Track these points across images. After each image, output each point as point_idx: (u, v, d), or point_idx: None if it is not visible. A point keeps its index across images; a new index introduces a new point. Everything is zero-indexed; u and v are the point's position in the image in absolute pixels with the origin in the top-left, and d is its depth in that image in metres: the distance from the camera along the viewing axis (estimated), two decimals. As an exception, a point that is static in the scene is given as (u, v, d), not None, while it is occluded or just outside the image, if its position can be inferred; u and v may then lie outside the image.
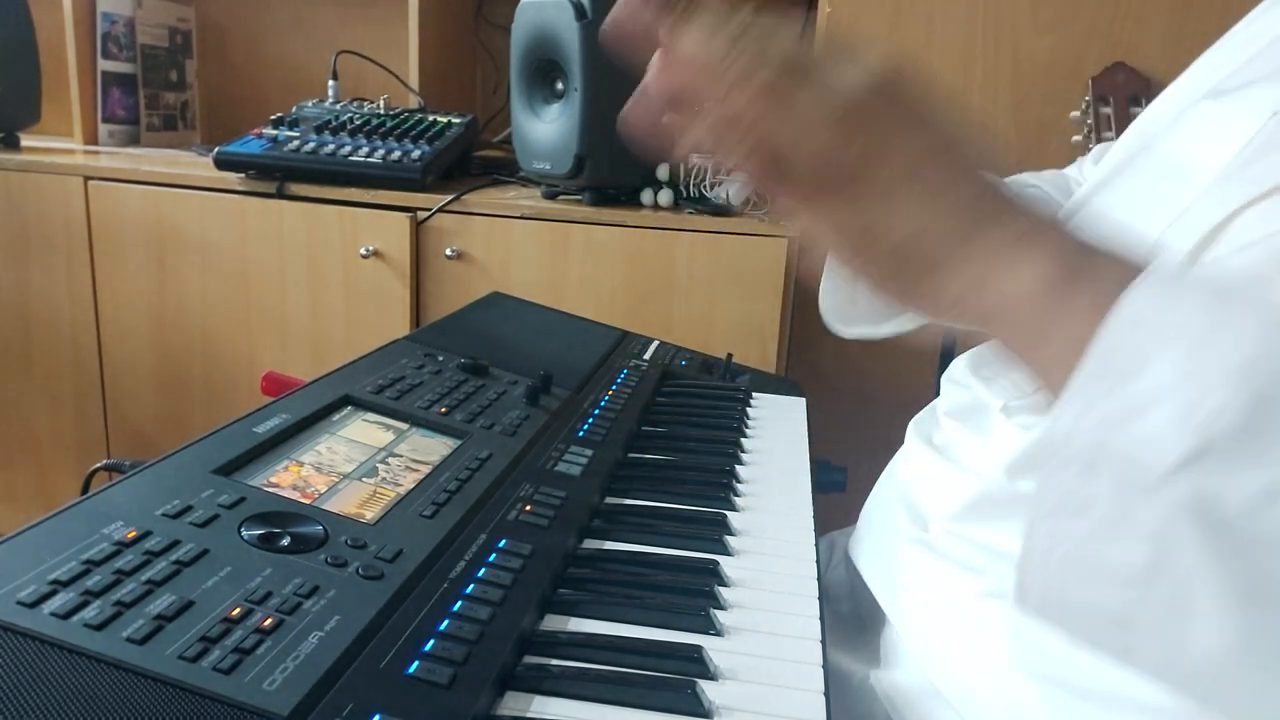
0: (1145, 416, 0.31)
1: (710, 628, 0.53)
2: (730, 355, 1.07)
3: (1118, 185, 0.63)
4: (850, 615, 0.68)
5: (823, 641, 0.53)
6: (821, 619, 0.55)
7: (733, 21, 0.38)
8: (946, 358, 0.97)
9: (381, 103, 1.61)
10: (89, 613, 0.40)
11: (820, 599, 0.58)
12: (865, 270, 0.40)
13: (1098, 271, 0.36)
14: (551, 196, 1.46)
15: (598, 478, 0.70)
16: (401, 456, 0.65)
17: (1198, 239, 0.48)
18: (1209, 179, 0.52)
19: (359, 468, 0.61)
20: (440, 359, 0.84)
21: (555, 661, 0.49)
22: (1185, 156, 0.56)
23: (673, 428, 0.85)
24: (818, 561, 0.62)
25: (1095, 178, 0.68)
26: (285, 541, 0.50)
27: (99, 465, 0.66)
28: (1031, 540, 0.35)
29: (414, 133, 1.52)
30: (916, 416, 0.74)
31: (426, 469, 0.63)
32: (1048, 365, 0.36)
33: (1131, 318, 0.33)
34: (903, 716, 0.57)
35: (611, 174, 1.40)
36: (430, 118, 1.58)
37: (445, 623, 0.47)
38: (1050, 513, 0.34)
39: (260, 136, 1.51)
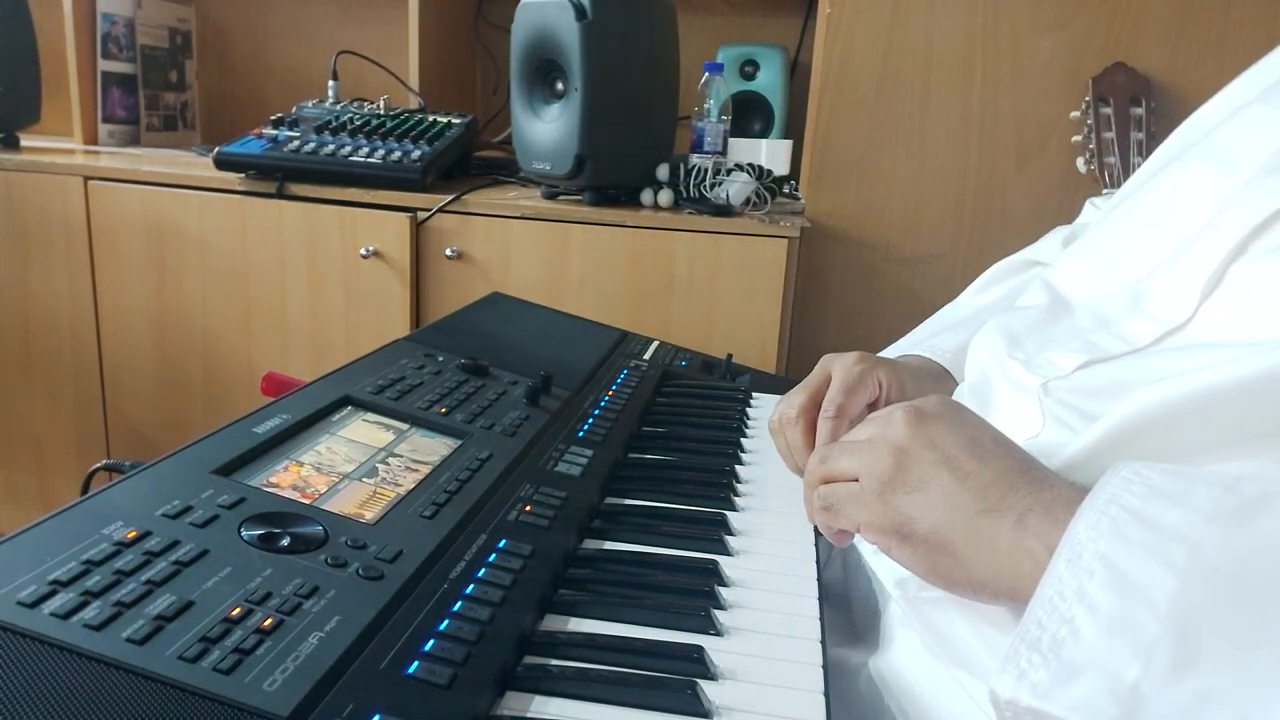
0: (1073, 685, 0.36)
1: (710, 628, 0.53)
2: (730, 355, 1.07)
3: (1158, 181, 0.63)
4: (846, 612, 0.68)
5: (823, 641, 0.53)
6: (821, 619, 0.55)
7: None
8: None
9: (381, 103, 1.61)
10: (89, 613, 0.40)
11: (820, 599, 0.58)
12: (908, 563, 0.48)
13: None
14: (551, 196, 1.46)
15: (598, 478, 0.69)
16: (401, 457, 0.65)
17: (1245, 232, 0.49)
18: (1250, 171, 0.52)
19: (359, 468, 0.61)
20: (440, 359, 0.84)
21: (555, 661, 0.49)
22: (1229, 151, 0.57)
23: (673, 428, 0.85)
24: (818, 561, 0.62)
25: (1135, 179, 0.69)
26: (285, 542, 0.50)
27: (99, 465, 0.66)
28: None
29: (414, 133, 1.52)
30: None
31: (426, 469, 0.63)
32: None
33: (1060, 585, 0.38)
34: (899, 701, 0.57)
35: (611, 174, 1.40)
36: (430, 118, 1.58)
37: (445, 623, 0.47)
38: None
39: (260, 136, 1.51)
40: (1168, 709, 0.34)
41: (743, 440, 0.84)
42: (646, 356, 1.03)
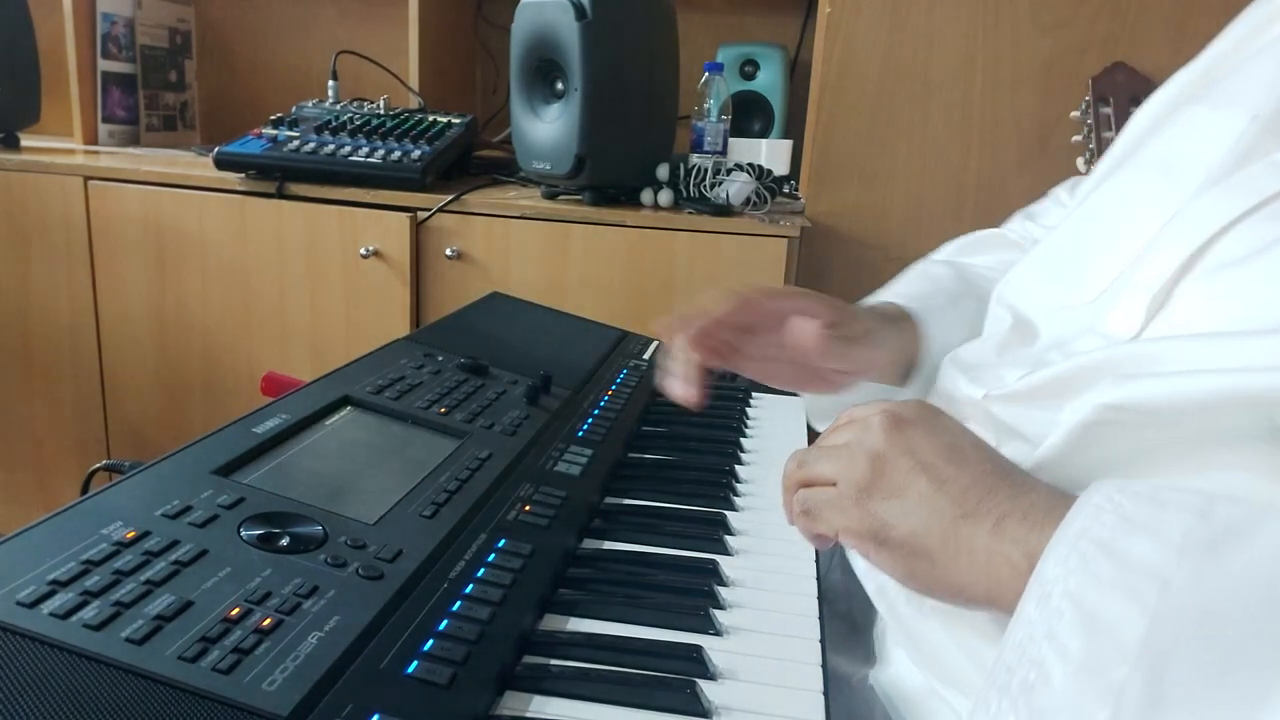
0: None
1: (710, 628, 0.53)
2: (730, 355, 1.07)
3: (1107, 187, 0.63)
4: (846, 616, 0.68)
5: (822, 641, 0.53)
6: (821, 619, 0.55)
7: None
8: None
9: (381, 103, 1.61)
10: (88, 613, 0.40)
11: (820, 599, 0.58)
12: (886, 567, 0.48)
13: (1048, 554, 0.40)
14: (551, 196, 1.46)
15: (597, 478, 0.69)
16: (401, 456, 0.65)
17: (1190, 251, 0.49)
18: (1196, 181, 0.52)
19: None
20: (440, 359, 0.84)
21: (555, 661, 0.49)
22: (1171, 157, 0.57)
23: (672, 427, 0.85)
24: (817, 562, 0.62)
25: (1089, 182, 0.68)
26: (285, 541, 0.50)
27: (99, 465, 0.66)
28: None
29: (414, 133, 1.52)
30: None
31: (426, 469, 0.63)
32: None
33: (1030, 627, 0.37)
34: (900, 714, 0.57)
35: (611, 174, 1.40)
36: (430, 118, 1.58)
37: (445, 623, 0.47)
38: None
39: (260, 136, 1.51)
40: None
41: (743, 440, 0.84)
42: (646, 356, 1.03)
